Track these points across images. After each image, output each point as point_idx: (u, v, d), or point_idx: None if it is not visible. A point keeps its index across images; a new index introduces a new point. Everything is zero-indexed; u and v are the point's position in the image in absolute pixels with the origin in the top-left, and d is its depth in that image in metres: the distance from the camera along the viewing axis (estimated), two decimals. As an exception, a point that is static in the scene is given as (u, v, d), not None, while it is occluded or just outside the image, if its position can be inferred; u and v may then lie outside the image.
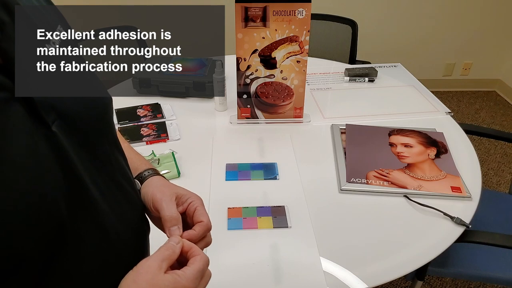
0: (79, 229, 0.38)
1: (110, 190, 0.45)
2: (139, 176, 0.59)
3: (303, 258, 0.83)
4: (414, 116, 1.32)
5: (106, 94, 0.47)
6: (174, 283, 0.42)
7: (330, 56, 1.78)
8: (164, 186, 0.57)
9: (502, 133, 1.47)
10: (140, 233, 0.51)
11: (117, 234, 0.45)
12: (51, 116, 0.36)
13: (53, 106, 0.36)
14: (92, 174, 0.41)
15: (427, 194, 0.98)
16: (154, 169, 0.61)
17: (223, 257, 0.83)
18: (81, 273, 0.40)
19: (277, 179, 1.04)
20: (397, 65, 1.69)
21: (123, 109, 1.34)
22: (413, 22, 2.81)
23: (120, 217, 0.46)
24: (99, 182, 0.42)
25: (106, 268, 0.44)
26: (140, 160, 0.62)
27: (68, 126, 0.38)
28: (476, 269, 1.15)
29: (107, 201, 0.43)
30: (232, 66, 1.24)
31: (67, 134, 0.37)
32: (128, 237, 0.47)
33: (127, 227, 0.48)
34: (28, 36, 0.37)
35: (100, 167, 0.43)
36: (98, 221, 0.41)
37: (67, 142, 0.37)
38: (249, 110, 1.27)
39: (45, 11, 0.42)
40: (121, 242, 0.46)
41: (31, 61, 0.36)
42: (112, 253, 0.44)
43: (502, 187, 2.19)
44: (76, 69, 0.41)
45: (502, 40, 2.91)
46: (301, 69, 1.21)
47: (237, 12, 1.11)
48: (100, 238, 0.42)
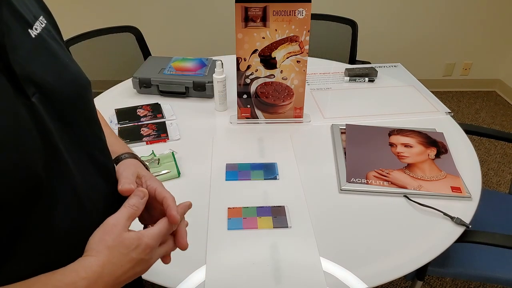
0: (53, 188, 0.42)
1: (82, 161, 0.48)
2: (116, 158, 0.62)
3: (303, 258, 0.83)
4: (414, 116, 1.32)
5: (84, 77, 0.51)
6: (137, 240, 0.48)
7: (330, 56, 1.78)
8: (131, 165, 0.60)
9: (502, 133, 1.47)
10: (113, 207, 0.52)
11: (89, 201, 0.48)
12: (31, 89, 0.40)
13: (33, 81, 0.41)
14: (66, 144, 0.45)
15: (427, 194, 0.98)
16: (132, 153, 0.64)
17: (223, 257, 0.83)
18: (52, 229, 0.43)
19: (277, 179, 1.04)
20: (397, 65, 1.69)
21: (123, 109, 1.34)
22: (413, 22, 2.81)
23: (93, 188, 0.49)
24: (72, 153, 0.46)
25: (77, 228, 0.46)
26: (119, 145, 0.66)
27: (46, 99, 0.42)
28: (476, 269, 1.15)
29: (80, 172, 0.47)
30: (232, 66, 1.24)
31: (45, 106, 0.42)
32: (100, 206, 0.50)
33: (99, 196, 0.51)
34: (12, 17, 0.41)
35: (75, 141, 0.47)
36: (71, 185, 0.45)
37: (45, 112, 0.41)
38: (249, 110, 1.27)
39: (28, 0, 0.46)
40: (93, 207, 0.49)
41: (15, 39, 0.40)
42: (84, 215, 0.47)
43: (502, 187, 2.19)
44: (57, 51, 0.46)
45: (502, 40, 2.91)
46: (301, 69, 1.21)
47: (237, 12, 1.11)
48: (72, 200, 0.45)
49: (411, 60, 2.93)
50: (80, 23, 2.07)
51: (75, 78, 0.48)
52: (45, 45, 0.45)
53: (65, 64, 0.47)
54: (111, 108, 1.33)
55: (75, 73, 0.49)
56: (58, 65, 0.46)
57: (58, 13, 0.52)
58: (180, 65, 1.48)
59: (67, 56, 0.49)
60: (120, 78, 1.56)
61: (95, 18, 2.70)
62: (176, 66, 1.47)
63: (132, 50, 1.84)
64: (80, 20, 2.53)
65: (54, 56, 0.46)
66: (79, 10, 2.66)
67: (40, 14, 0.48)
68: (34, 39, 0.43)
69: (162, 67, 1.46)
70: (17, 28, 0.41)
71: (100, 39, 1.76)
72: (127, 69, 1.63)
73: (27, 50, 0.41)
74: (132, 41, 1.83)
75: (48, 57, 0.45)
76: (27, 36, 0.42)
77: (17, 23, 0.41)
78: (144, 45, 1.86)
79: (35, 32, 0.44)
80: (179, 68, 1.45)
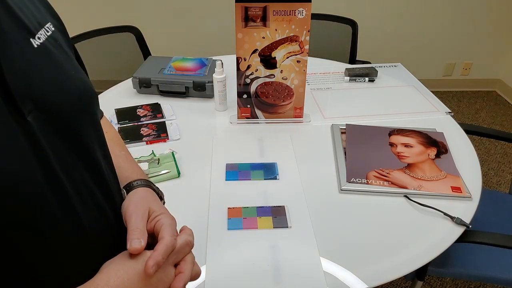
0: (50, 216, 0.39)
1: (85, 183, 0.45)
2: (128, 185, 0.58)
3: (303, 258, 0.83)
4: (414, 116, 1.32)
5: (90, 89, 0.47)
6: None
7: (330, 56, 1.78)
8: (141, 199, 0.55)
9: (502, 133, 1.47)
10: (116, 231, 0.50)
11: (92, 229, 0.45)
12: (27, 106, 0.37)
13: (31, 97, 0.38)
14: (66, 166, 0.41)
15: (427, 194, 0.98)
16: (146, 179, 0.61)
17: (223, 257, 0.83)
18: (49, 263, 0.41)
19: (277, 179, 1.04)
20: (397, 65, 1.69)
21: (123, 109, 1.34)
22: (413, 22, 2.81)
23: (96, 215, 0.47)
24: (73, 176, 0.43)
25: (79, 259, 0.44)
26: (132, 170, 0.62)
27: (45, 116, 0.39)
28: (476, 269, 1.15)
29: (80, 194, 0.44)
30: (232, 66, 1.24)
31: (42, 125, 0.39)
32: (102, 230, 0.48)
33: (101, 218, 0.48)
34: (12, 25, 0.38)
35: (76, 161, 0.44)
36: (71, 214, 0.42)
37: (42, 132, 0.38)
38: (249, 110, 1.27)
39: (33, 6, 0.43)
40: (96, 237, 0.46)
41: (13, 51, 0.37)
42: (86, 245, 0.45)
43: (502, 187, 2.19)
44: (61, 62, 0.43)
45: (502, 40, 2.91)
46: (301, 69, 1.21)
47: (237, 12, 1.11)
48: (73, 228, 0.42)
49: (411, 60, 2.93)
50: (80, 23, 2.06)
51: (79, 91, 0.45)
52: (48, 56, 0.42)
53: (69, 76, 0.44)
54: (111, 108, 1.33)
55: (79, 86, 0.45)
56: (60, 78, 0.43)
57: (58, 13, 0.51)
58: (180, 65, 1.48)
59: (73, 67, 0.46)
60: (120, 78, 1.55)
61: (95, 18, 2.70)
62: (176, 66, 1.47)
63: (132, 50, 1.84)
64: (80, 20, 2.53)
65: (57, 67, 0.43)
66: (79, 10, 2.66)
67: (47, 20, 0.45)
68: (36, 49, 0.40)
69: (162, 67, 1.46)
70: (16, 38, 0.38)
71: (100, 39, 1.76)
72: (127, 69, 1.63)
73: (26, 62, 0.39)
74: (132, 41, 1.83)
75: (50, 69, 0.42)
76: (28, 46, 0.40)
77: (17, 31, 0.39)
78: (144, 45, 1.86)
79: (37, 42, 0.41)
80: (179, 68, 1.45)
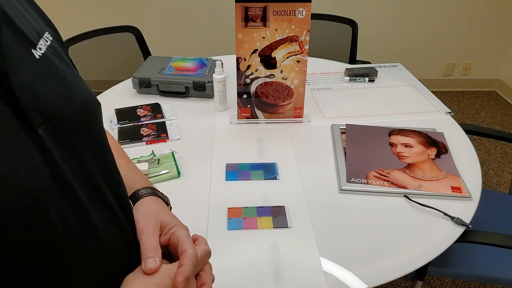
0: (71, 235, 0.38)
1: (102, 196, 0.44)
2: (134, 195, 0.58)
3: (303, 258, 0.83)
4: (414, 116, 1.32)
5: (93, 98, 0.47)
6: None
7: (330, 56, 1.78)
8: (151, 213, 0.54)
9: (502, 133, 1.47)
10: (133, 244, 0.49)
11: (112, 245, 0.44)
12: (37, 119, 0.36)
13: (39, 109, 0.36)
14: (80, 181, 0.40)
15: (427, 194, 0.98)
16: (151, 187, 0.60)
17: (223, 257, 0.83)
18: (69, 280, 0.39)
19: (277, 179, 1.04)
20: (397, 65, 1.69)
21: (123, 109, 1.34)
22: (413, 22, 2.81)
23: (114, 226, 0.46)
24: (87, 191, 0.41)
25: (99, 275, 0.43)
26: (135, 178, 0.61)
27: (54, 129, 0.38)
28: (476, 269, 1.15)
29: (98, 213, 0.42)
30: (232, 66, 1.24)
31: (53, 138, 0.37)
32: (121, 245, 0.47)
33: (120, 231, 0.47)
34: (13, 37, 0.37)
35: (88, 173, 0.42)
36: (91, 230, 0.41)
37: (54, 145, 0.37)
38: (249, 110, 1.27)
39: (30, 16, 0.42)
40: (115, 248, 0.45)
41: (17, 64, 0.36)
42: (106, 261, 0.44)
43: (502, 187, 2.19)
44: (63, 72, 0.42)
45: (502, 40, 2.91)
46: (301, 69, 1.21)
47: (237, 12, 1.11)
48: (93, 246, 0.41)
49: (411, 60, 2.93)
50: (80, 23, 2.07)
51: (83, 101, 0.44)
52: (51, 66, 0.40)
53: (73, 86, 0.43)
54: (111, 108, 1.33)
55: (83, 96, 0.44)
56: (64, 88, 0.42)
57: (58, 13, 0.51)
58: (180, 65, 1.48)
59: (75, 76, 0.45)
60: (120, 78, 1.55)
61: (94, 18, 2.70)
62: (176, 66, 1.47)
63: (132, 50, 1.84)
64: (79, 20, 2.53)
65: (60, 77, 0.41)
66: (79, 10, 2.66)
67: (45, 30, 0.43)
68: (39, 60, 0.39)
69: (162, 67, 1.46)
70: (19, 50, 0.37)
71: (100, 39, 1.76)
72: (127, 69, 1.63)
73: (31, 73, 0.37)
74: (132, 41, 1.83)
75: (55, 79, 0.40)
76: (30, 57, 0.38)
77: (19, 43, 0.37)
78: (144, 45, 1.86)
79: (39, 52, 0.39)
80: (179, 68, 1.45)
